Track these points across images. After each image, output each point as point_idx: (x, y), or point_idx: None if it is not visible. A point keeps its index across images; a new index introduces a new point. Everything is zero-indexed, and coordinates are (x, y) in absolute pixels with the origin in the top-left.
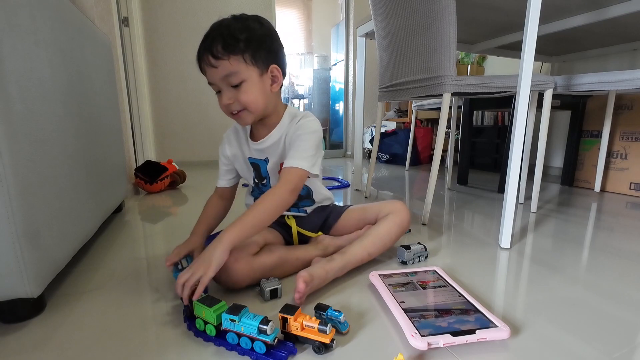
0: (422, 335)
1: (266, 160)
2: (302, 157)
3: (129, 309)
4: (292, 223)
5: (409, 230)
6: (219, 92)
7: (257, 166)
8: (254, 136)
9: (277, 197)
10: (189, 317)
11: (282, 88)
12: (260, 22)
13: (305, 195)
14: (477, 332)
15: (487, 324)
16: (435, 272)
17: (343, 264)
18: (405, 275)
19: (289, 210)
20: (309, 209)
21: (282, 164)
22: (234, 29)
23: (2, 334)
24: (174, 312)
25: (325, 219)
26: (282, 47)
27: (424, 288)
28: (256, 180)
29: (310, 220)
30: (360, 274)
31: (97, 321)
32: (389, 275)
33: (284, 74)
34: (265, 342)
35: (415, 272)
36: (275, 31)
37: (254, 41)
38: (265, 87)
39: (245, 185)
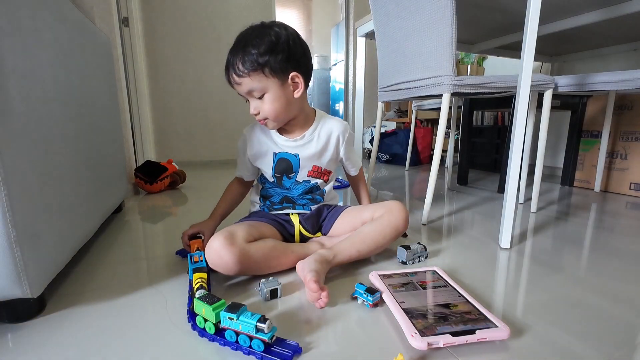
0: (422, 335)
1: (296, 156)
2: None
3: (129, 309)
4: (296, 219)
5: (406, 235)
6: (247, 101)
7: (287, 161)
8: (284, 133)
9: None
10: (193, 317)
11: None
12: (277, 32)
13: (318, 196)
14: (477, 332)
15: (487, 324)
16: (435, 272)
17: (329, 258)
18: (405, 276)
19: (294, 208)
20: (313, 207)
21: (315, 166)
22: (252, 44)
23: (2, 334)
24: (175, 312)
25: (324, 219)
26: (305, 51)
27: (424, 288)
28: (277, 175)
29: (311, 217)
30: (360, 274)
31: (97, 321)
32: (389, 276)
33: (308, 77)
34: (262, 340)
35: (415, 272)
36: (295, 37)
37: (272, 54)
38: (288, 95)
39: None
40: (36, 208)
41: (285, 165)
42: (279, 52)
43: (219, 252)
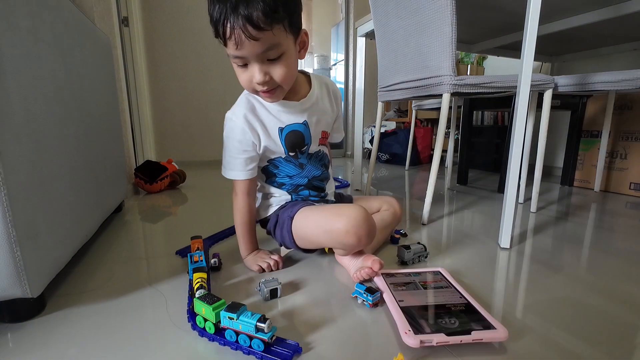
0: (416, 333)
1: (305, 124)
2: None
3: (129, 309)
4: None
5: (406, 235)
6: (243, 66)
7: (297, 132)
8: (287, 98)
9: None
10: (193, 317)
11: None
12: None
13: (327, 166)
14: (472, 332)
15: (484, 326)
16: (439, 272)
17: (372, 250)
18: (408, 275)
19: (323, 198)
20: (331, 192)
21: (324, 131)
22: None
23: (2, 334)
24: (175, 312)
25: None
26: None
27: (425, 288)
28: (291, 153)
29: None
30: None
31: (97, 321)
32: (392, 275)
33: None
34: (262, 340)
35: (419, 273)
36: None
37: (290, 3)
38: (296, 56)
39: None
40: (36, 208)
41: (295, 138)
42: (296, 3)
43: (369, 220)
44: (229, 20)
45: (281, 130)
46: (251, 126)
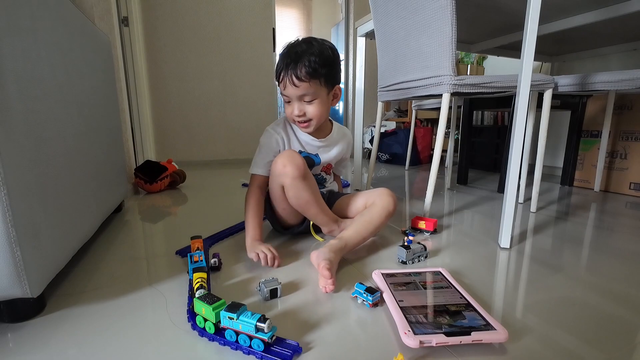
0: (415, 334)
1: (317, 156)
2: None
3: (129, 309)
4: None
5: (407, 235)
6: (288, 102)
7: (310, 159)
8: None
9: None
10: (193, 317)
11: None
12: (331, 49)
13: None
14: (472, 333)
15: (484, 326)
16: (440, 273)
17: (341, 247)
18: (408, 275)
19: None
20: (324, 190)
21: (329, 164)
22: (316, 56)
23: (2, 334)
24: (175, 312)
25: (329, 199)
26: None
27: (425, 288)
28: None
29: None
30: (362, 273)
31: (96, 321)
32: (392, 275)
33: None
34: (262, 340)
35: (419, 273)
36: (339, 55)
37: (328, 67)
38: (329, 103)
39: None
40: (36, 208)
41: (308, 161)
42: (332, 67)
43: (292, 157)
44: (282, 71)
45: (300, 152)
46: (282, 140)
